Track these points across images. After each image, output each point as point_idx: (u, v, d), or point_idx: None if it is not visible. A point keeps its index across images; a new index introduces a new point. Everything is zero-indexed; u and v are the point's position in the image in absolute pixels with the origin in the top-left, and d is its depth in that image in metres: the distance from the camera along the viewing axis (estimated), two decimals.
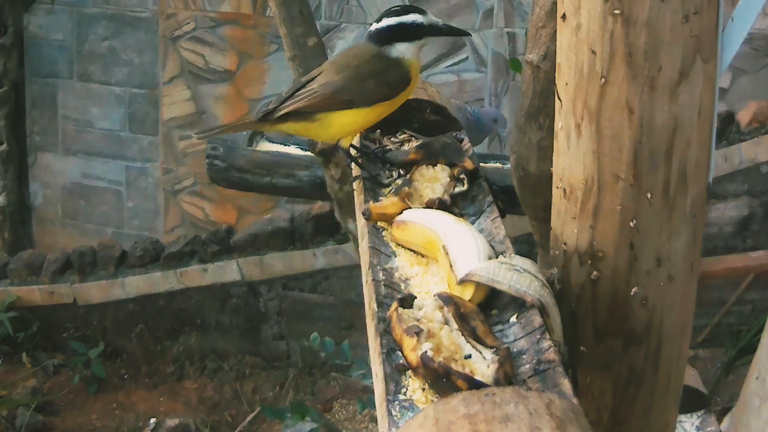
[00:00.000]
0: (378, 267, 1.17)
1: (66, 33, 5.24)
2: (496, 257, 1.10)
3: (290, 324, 4.47)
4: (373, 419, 3.95)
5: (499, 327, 1.04)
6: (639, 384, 1.19)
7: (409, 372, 0.94)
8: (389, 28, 1.46)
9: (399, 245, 1.23)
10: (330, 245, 4.33)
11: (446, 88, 4.42)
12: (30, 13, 5.28)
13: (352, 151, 1.51)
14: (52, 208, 5.48)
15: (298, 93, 1.46)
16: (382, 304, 1.06)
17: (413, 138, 1.58)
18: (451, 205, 1.31)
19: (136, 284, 4.53)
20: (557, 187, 1.17)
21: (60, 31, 5.25)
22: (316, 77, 1.47)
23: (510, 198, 1.66)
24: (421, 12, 1.48)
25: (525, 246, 2.65)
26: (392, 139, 1.58)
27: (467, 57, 4.63)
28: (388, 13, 1.47)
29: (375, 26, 1.47)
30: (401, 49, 1.47)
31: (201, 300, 4.52)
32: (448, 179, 1.37)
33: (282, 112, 1.45)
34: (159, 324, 4.57)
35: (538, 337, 0.99)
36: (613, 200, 1.10)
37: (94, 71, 5.23)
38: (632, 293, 1.13)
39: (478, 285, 1.05)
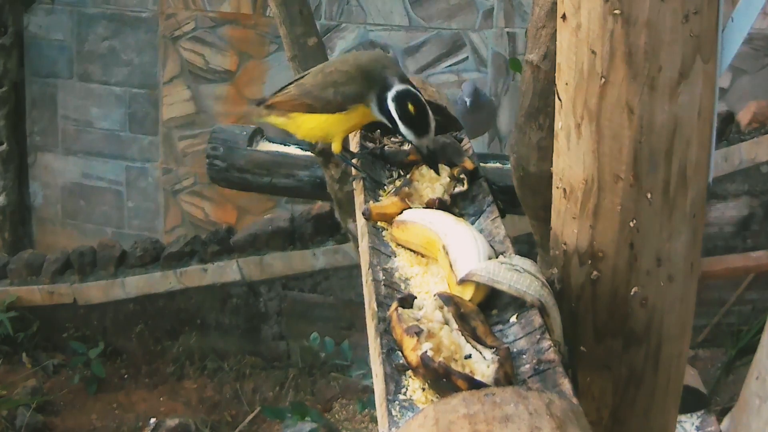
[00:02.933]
0: (378, 267, 1.17)
1: (66, 33, 5.24)
2: (496, 257, 1.10)
3: (290, 324, 4.47)
4: (373, 419, 3.95)
5: (499, 327, 1.04)
6: (639, 384, 1.19)
7: (409, 372, 0.94)
8: (410, 112, 1.36)
9: (399, 245, 1.23)
10: (330, 245, 4.33)
11: (446, 88, 4.41)
12: (30, 13, 5.28)
13: (352, 152, 1.52)
14: (52, 208, 5.48)
15: (283, 87, 1.48)
16: (382, 304, 1.06)
17: None
18: (451, 205, 1.31)
19: (136, 284, 4.53)
20: (557, 187, 1.17)
21: (60, 31, 5.25)
22: (304, 75, 1.49)
23: (510, 198, 1.66)
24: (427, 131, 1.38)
25: (525, 246, 2.65)
26: (392, 139, 1.58)
27: (467, 57, 4.63)
28: (421, 110, 1.37)
29: (407, 91, 1.37)
30: (387, 105, 1.38)
31: (201, 300, 4.51)
32: (448, 179, 1.37)
33: (266, 104, 1.49)
34: (159, 324, 4.57)
35: (538, 337, 0.99)
36: (613, 200, 1.10)
37: (94, 71, 5.23)
38: (632, 293, 1.13)
39: (478, 285, 1.05)
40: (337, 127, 1.45)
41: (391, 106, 1.38)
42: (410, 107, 1.37)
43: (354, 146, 1.57)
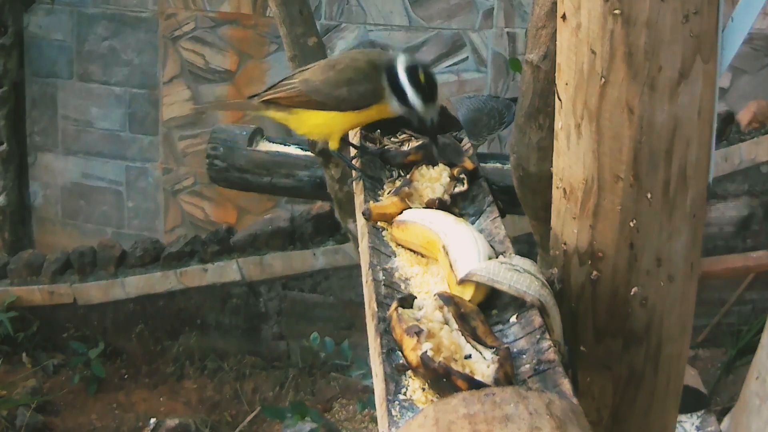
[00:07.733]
0: (378, 267, 1.17)
1: (66, 33, 5.24)
2: (496, 257, 1.10)
3: (290, 324, 4.47)
4: (373, 419, 3.95)
5: (499, 327, 1.04)
6: (639, 384, 1.19)
7: (409, 372, 0.94)
8: (426, 82, 1.40)
9: (399, 245, 1.23)
10: (330, 245, 4.33)
11: (446, 88, 4.42)
12: (30, 13, 5.28)
13: (354, 144, 1.51)
14: (52, 208, 5.48)
15: (283, 82, 1.46)
16: (382, 304, 1.06)
17: (413, 138, 1.58)
18: (451, 205, 1.31)
19: (136, 284, 4.53)
20: (557, 187, 1.17)
21: (60, 31, 5.24)
22: (306, 70, 1.48)
23: (510, 198, 1.66)
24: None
25: (525, 246, 2.65)
26: (392, 139, 1.58)
27: (467, 57, 4.63)
28: (430, 78, 1.41)
29: (417, 70, 1.40)
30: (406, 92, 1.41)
31: (201, 300, 4.51)
32: (448, 179, 1.37)
33: (264, 98, 1.46)
34: (159, 324, 4.57)
35: (538, 337, 0.99)
36: (613, 200, 1.10)
37: (94, 71, 5.23)
38: (632, 293, 1.13)
39: (478, 285, 1.05)
40: (345, 124, 1.44)
41: (402, 76, 1.39)
42: (420, 75, 1.40)
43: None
